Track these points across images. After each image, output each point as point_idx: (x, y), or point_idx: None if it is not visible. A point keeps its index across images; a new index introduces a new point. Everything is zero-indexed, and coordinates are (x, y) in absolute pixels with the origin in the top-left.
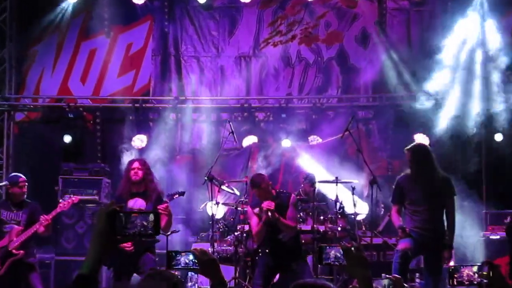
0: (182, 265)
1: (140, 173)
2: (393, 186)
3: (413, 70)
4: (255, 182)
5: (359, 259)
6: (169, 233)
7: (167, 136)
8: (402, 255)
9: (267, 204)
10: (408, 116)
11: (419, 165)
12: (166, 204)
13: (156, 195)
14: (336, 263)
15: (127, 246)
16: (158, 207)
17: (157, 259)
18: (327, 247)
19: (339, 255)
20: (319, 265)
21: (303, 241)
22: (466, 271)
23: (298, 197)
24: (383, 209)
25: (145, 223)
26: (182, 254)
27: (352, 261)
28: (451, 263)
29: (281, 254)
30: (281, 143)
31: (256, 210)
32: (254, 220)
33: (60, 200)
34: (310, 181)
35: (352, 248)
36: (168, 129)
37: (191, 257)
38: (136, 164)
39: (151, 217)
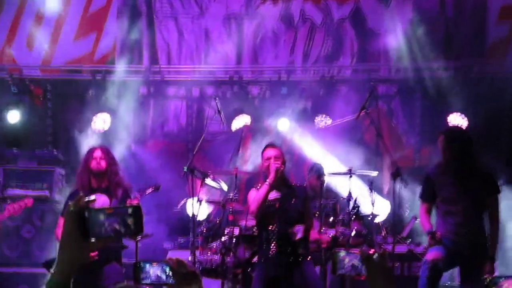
0: (153, 279)
1: (103, 163)
2: (423, 180)
3: (447, 35)
4: (270, 144)
5: (383, 270)
6: (139, 238)
7: (137, 115)
8: (432, 267)
9: (297, 230)
10: (440, 92)
11: (455, 153)
12: (136, 201)
13: (122, 190)
14: (353, 273)
15: (92, 255)
16: (127, 203)
17: (124, 270)
18: (343, 253)
19: (357, 263)
20: (327, 276)
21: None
22: (506, 285)
23: None
24: (408, 210)
25: (118, 223)
26: (154, 264)
27: (373, 272)
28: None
29: (286, 260)
30: (277, 124)
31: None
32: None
33: (8, 202)
34: (316, 173)
35: (375, 256)
36: (138, 107)
37: (165, 268)
38: (98, 153)
39: (130, 211)
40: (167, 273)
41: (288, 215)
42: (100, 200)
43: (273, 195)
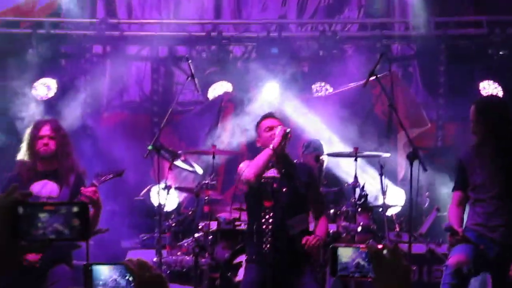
0: (110, 284)
1: (52, 144)
2: (455, 167)
3: None
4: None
5: (397, 270)
6: (94, 233)
7: (89, 81)
8: (455, 273)
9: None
10: (470, 53)
11: (489, 129)
12: (93, 188)
13: (75, 176)
14: (358, 275)
15: (32, 258)
16: (82, 191)
17: (74, 273)
18: (344, 249)
19: (362, 262)
20: (327, 280)
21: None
22: None
23: None
24: (428, 200)
25: (61, 224)
26: (110, 267)
27: (384, 273)
28: None
29: (284, 260)
30: (263, 90)
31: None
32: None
33: None
34: (313, 151)
35: (385, 251)
36: (91, 70)
37: (124, 272)
38: (46, 130)
39: (75, 209)
40: (127, 278)
41: (287, 200)
42: (47, 188)
43: (271, 173)
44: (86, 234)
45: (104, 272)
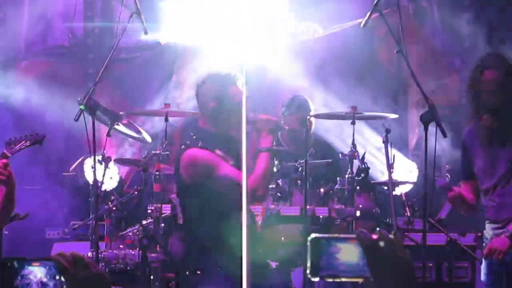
0: (34, 287)
1: None
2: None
3: None
4: None
5: (397, 267)
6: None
7: (1, 19)
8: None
9: None
10: None
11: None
12: (3, 161)
13: None
14: (349, 275)
15: None
16: None
17: None
18: (329, 241)
19: (353, 258)
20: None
21: (282, 239)
22: None
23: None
24: (448, 176)
25: None
26: (34, 265)
27: (382, 270)
28: None
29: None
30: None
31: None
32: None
33: None
34: (297, 112)
35: (381, 243)
36: (3, 4)
37: (53, 270)
38: None
39: None
40: (57, 279)
41: None
42: None
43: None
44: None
45: (27, 270)
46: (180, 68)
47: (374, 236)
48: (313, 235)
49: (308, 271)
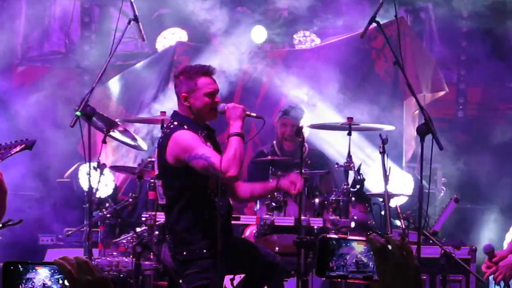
0: None
1: None
2: None
3: None
4: None
5: (406, 269)
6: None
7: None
8: None
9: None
10: None
11: None
12: None
13: None
14: (358, 276)
15: None
16: None
17: None
18: (338, 242)
19: (364, 259)
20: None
21: (276, 249)
22: None
23: (266, 154)
24: (444, 188)
25: None
26: (38, 268)
27: (391, 273)
28: None
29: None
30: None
31: None
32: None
33: None
34: (292, 119)
35: (390, 247)
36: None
37: (56, 274)
38: None
39: None
40: (61, 282)
41: None
42: None
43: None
44: None
45: (31, 274)
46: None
47: (382, 240)
48: (322, 236)
49: (314, 271)
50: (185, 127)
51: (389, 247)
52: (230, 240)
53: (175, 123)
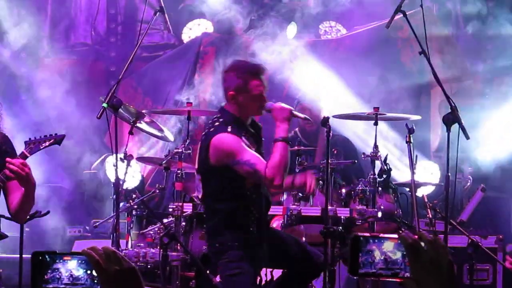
0: (65, 281)
1: None
2: None
3: None
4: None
5: (439, 266)
6: (28, 217)
7: (24, 16)
8: None
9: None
10: None
11: None
12: (20, 160)
13: None
14: (388, 273)
15: None
16: (7, 163)
17: (0, 271)
18: (368, 240)
19: (393, 257)
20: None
21: (303, 239)
22: None
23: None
24: (470, 178)
25: None
26: (66, 259)
27: (424, 270)
28: None
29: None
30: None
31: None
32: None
33: None
34: (308, 105)
35: (423, 244)
36: (27, 2)
37: (84, 264)
38: None
39: None
40: (89, 273)
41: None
42: None
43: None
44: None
45: (59, 264)
46: (202, 66)
47: (415, 237)
48: (354, 234)
49: (348, 270)
50: (229, 128)
51: (422, 243)
52: (266, 234)
53: (221, 119)
